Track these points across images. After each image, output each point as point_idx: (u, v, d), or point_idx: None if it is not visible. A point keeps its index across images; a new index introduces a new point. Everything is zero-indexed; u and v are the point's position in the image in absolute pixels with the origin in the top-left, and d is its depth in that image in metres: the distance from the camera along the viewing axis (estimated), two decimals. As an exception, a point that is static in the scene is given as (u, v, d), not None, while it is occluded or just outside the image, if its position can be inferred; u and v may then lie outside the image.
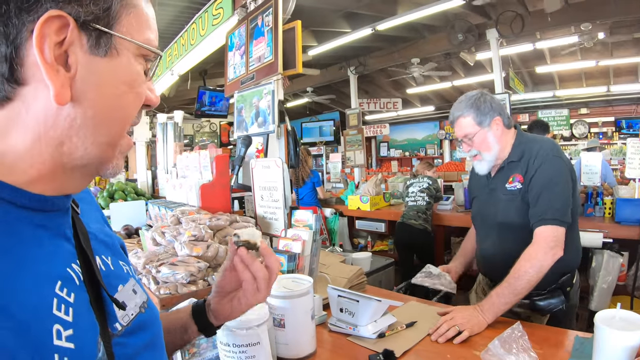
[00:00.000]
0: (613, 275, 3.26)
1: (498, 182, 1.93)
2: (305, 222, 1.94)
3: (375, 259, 2.95)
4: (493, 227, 1.94)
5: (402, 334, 1.49)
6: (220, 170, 2.25)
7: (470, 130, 1.89)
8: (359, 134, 8.03)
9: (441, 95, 11.92)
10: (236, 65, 2.97)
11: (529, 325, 1.21)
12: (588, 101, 10.75)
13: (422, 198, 4.74)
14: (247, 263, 0.87)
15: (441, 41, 7.10)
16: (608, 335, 1.06)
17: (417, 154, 14.21)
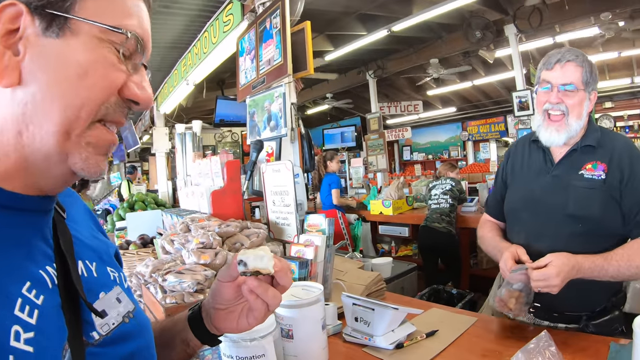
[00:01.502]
0: None
1: (567, 167, 1.60)
2: (318, 226, 1.85)
3: (397, 265, 2.85)
4: (557, 220, 1.56)
5: (421, 344, 1.40)
6: (231, 176, 2.21)
7: (576, 81, 1.53)
8: (380, 139, 7.98)
9: (462, 96, 11.78)
10: (247, 70, 2.94)
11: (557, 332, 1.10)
12: (612, 94, 10.46)
13: (445, 200, 4.63)
14: (259, 293, 0.77)
15: (459, 40, 7.02)
16: None
17: (441, 156, 14.04)
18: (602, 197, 1.49)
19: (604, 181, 1.50)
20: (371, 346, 1.38)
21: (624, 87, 10.03)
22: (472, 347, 1.37)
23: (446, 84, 9.96)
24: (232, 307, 0.81)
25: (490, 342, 1.37)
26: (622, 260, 1.38)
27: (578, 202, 1.52)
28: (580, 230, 1.50)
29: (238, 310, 0.81)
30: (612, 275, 1.38)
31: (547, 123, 1.57)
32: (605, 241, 1.48)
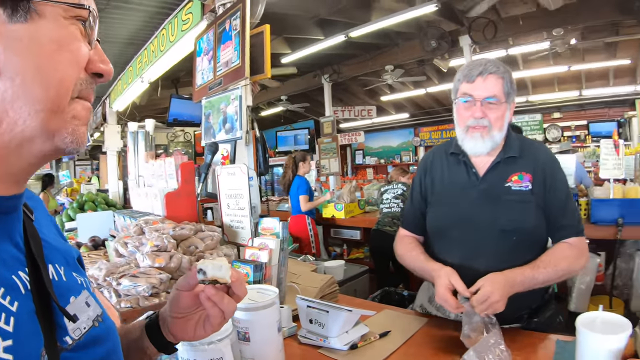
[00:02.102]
0: (591, 275, 3.25)
1: (493, 180, 1.59)
2: (273, 230, 1.86)
3: (350, 267, 2.89)
4: (491, 236, 1.55)
5: (375, 345, 1.43)
6: (186, 178, 2.18)
7: (498, 93, 1.53)
8: (333, 142, 8.04)
9: (415, 103, 12.07)
10: (204, 70, 2.90)
11: (504, 331, 1.17)
12: (561, 105, 11.02)
13: (396, 204, 4.74)
14: (216, 301, 0.80)
15: (414, 48, 7.17)
16: (591, 339, 1.03)
17: (393, 161, 14.31)
18: (532, 207, 1.54)
19: (531, 191, 1.54)
20: (326, 347, 1.40)
21: (572, 99, 10.59)
22: (423, 347, 1.41)
23: (400, 90, 10.17)
24: (189, 316, 0.83)
25: (441, 341, 1.41)
26: (549, 267, 1.45)
27: (511, 216, 1.53)
28: (515, 242, 1.53)
29: (195, 319, 0.83)
30: (542, 282, 1.45)
31: (471, 132, 1.56)
32: (536, 249, 1.55)
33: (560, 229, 1.55)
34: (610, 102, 10.39)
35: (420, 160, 2.06)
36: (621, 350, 1.00)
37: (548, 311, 1.65)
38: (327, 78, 8.43)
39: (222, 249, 1.89)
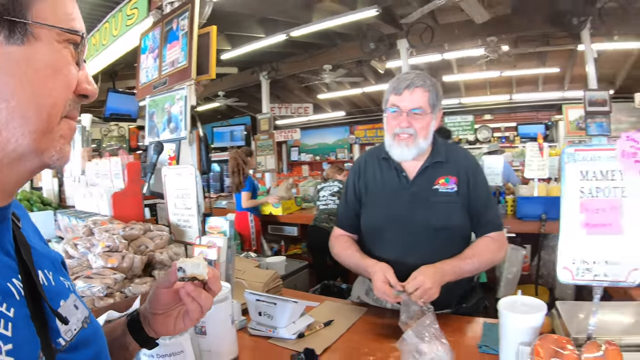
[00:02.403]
0: (517, 266, 3.55)
1: (422, 184, 1.75)
2: (220, 228, 1.92)
3: (290, 263, 3.00)
4: (424, 234, 1.71)
5: (320, 333, 1.55)
6: (132, 177, 2.19)
7: (423, 106, 1.67)
8: (270, 139, 8.06)
9: (351, 101, 12.34)
10: (149, 68, 2.88)
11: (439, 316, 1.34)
12: (492, 108, 11.69)
13: (333, 201, 4.88)
14: (195, 296, 0.85)
15: (353, 49, 7.36)
16: (511, 319, 1.19)
17: (328, 158, 14.47)
18: (458, 207, 1.72)
19: (457, 193, 1.72)
20: (275, 337, 1.50)
21: (503, 103, 11.26)
22: (365, 333, 1.55)
23: (337, 89, 10.34)
24: (169, 312, 0.88)
25: (381, 327, 1.55)
26: (474, 258, 1.65)
27: (439, 216, 1.70)
28: (443, 239, 1.71)
29: (175, 314, 0.89)
30: (469, 271, 1.66)
31: (398, 140, 1.70)
32: (461, 243, 1.75)
33: (483, 225, 1.76)
34: (538, 106, 11.15)
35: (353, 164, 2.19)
36: (538, 328, 1.16)
37: (474, 298, 1.86)
38: (266, 75, 8.46)
39: (171, 247, 1.93)
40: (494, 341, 1.34)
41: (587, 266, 1.11)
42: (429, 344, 1.03)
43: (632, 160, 1.06)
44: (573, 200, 1.12)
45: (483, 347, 1.38)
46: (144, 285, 1.68)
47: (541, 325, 1.17)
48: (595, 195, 1.11)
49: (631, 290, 1.95)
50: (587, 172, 1.12)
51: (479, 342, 1.41)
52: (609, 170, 1.10)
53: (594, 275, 1.11)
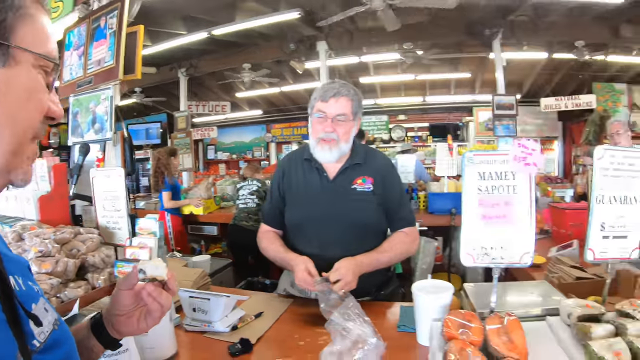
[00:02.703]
0: (430, 257, 3.88)
1: (341, 183, 1.92)
2: (150, 229, 1.97)
3: (214, 261, 3.07)
4: (343, 229, 1.87)
5: (252, 324, 1.66)
6: (59, 180, 2.15)
7: (347, 113, 1.84)
8: (187, 137, 7.94)
9: (269, 100, 12.38)
10: (73, 66, 2.80)
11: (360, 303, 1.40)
12: (406, 109, 12.32)
13: (252, 200, 4.98)
14: (155, 296, 0.90)
15: (273, 49, 7.47)
16: (423, 299, 1.39)
17: (245, 156, 14.35)
18: (374, 205, 1.91)
19: (373, 192, 1.90)
20: (210, 331, 1.58)
21: (416, 104, 11.94)
22: (294, 321, 1.70)
23: (255, 87, 10.35)
24: (131, 312, 0.92)
25: (308, 315, 1.68)
26: (390, 251, 1.87)
27: (357, 213, 1.88)
28: (361, 234, 1.89)
29: (137, 315, 0.92)
30: (386, 263, 1.88)
31: (322, 144, 1.86)
32: (378, 237, 1.94)
33: (397, 221, 1.98)
34: (450, 108, 11.94)
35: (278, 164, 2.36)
36: (447, 306, 1.37)
37: (391, 286, 2.06)
38: (184, 72, 8.31)
39: (102, 250, 1.95)
40: (410, 321, 1.54)
41: (486, 251, 1.34)
42: (354, 322, 1.18)
43: (522, 164, 1.30)
44: (472, 197, 1.35)
45: (401, 326, 1.58)
46: (79, 289, 1.69)
47: (450, 304, 1.38)
48: (492, 192, 1.34)
49: (532, 272, 2.27)
50: (484, 173, 1.35)
51: (397, 323, 1.61)
52: (503, 171, 1.34)
53: (492, 258, 1.34)
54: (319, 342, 1.47)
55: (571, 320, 1.21)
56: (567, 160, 11.62)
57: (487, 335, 1.12)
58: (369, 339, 1.11)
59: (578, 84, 9.25)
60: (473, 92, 11.07)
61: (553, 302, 1.46)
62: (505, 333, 1.12)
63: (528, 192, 1.34)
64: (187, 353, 1.48)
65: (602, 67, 8.82)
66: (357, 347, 1.10)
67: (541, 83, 10.01)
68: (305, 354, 1.41)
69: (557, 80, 9.72)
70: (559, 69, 9.19)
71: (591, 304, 1.24)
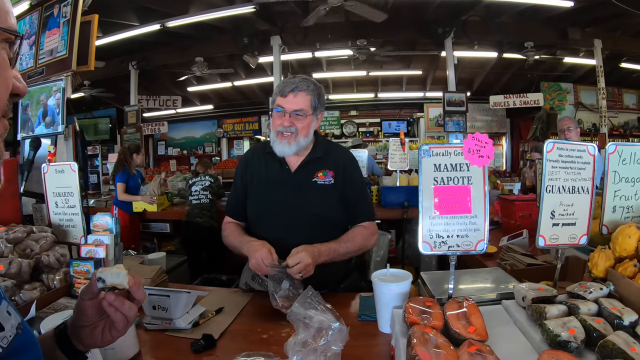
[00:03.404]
0: (384, 249, 3.98)
1: (303, 176, 1.96)
2: (105, 226, 1.92)
3: (169, 258, 3.03)
4: (303, 220, 1.91)
5: (214, 320, 1.65)
6: (8, 177, 2.05)
7: (305, 108, 1.87)
8: (137, 132, 7.78)
9: (221, 95, 12.28)
10: (23, 56, 2.67)
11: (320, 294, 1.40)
12: (358, 104, 12.55)
13: (205, 196, 4.97)
14: (117, 306, 0.84)
15: (227, 43, 7.42)
16: (383, 287, 1.44)
17: (196, 152, 14.16)
18: (334, 197, 1.95)
19: (334, 185, 1.95)
20: (172, 329, 1.55)
21: (368, 100, 12.20)
22: (255, 315, 1.71)
23: (207, 82, 10.26)
24: (95, 324, 0.88)
25: (270, 308, 1.63)
26: (348, 243, 1.91)
27: (317, 204, 1.93)
28: (320, 225, 1.92)
29: (101, 326, 0.88)
30: (343, 254, 1.89)
31: (280, 138, 1.88)
32: (337, 229, 1.96)
33: (357, 215, 2.02)
34: (401, 104, 12.24)
35: (241, 156, 2.38)
36: (407, 294, 1.42)
37: (350, 278, 2.11)
38: (135, 65, 8.08)
39: (56, 249, 1.88)
40: (370, 310, 1.60)
41: (443, 239, 1.40)
42: (315, 310, 1.19)
43: (476, 155, 1.37)
44: (429, 187, 1.40)
45: (362, 315, 1.63)
46: (34, 290, 1.63)
47: (408, 292, 1.44)
48: (447, 183, 1.40)
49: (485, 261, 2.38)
50: (439, 164, 1.40)
51: (358, 312, 1.66)
52: (458, 163, 1.40)
53: (449, 246, 1.40)
54: (282, 335, 1.50)
55: (525, 302, 1.29)
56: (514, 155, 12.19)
57: (447, 320, 1.17)
58: (332, 324, 1.14)
59: (526, 82, 9.66)
60: (424, 89, 11.38)
61: (507, 287, 1.55)
62: (464, 317, 1.18)
63: (482, 183, 1.41)
64: (149, 352, 1.45)
65: (550, 67, 9.28)
66: (321, 334, 1.13)
67: (491, 81, 10.39)
68: (269, 346, 1.42)
69: (506, 79, 10.14)
70: (508, 68, 9.58)
71: (544, 287, 1.33)
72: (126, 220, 5.23)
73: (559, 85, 10.15)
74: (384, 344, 1.42)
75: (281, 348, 1.16)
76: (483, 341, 1.09)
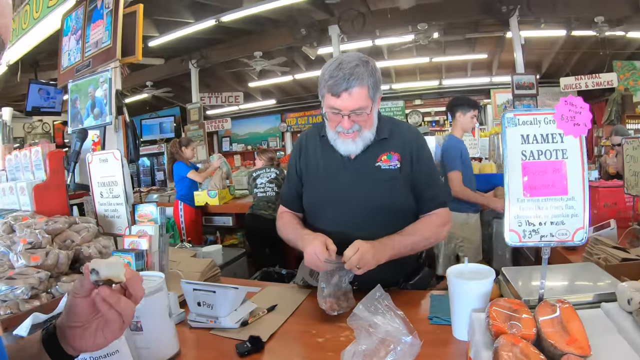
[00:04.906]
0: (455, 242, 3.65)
1: (364, 161, 1.70)
2: (150, 216, 1.83)
3: (227, 252, 2.93)
4: (364, 212, 1.68)
5: (265, 319, 1.50)
6: (54, 168, 2.01)
7: (364, 104, 1.57)
8: (200, 129, 7.92)
9: (282, 89, 12.26)
10: (71, 51, 2.69)
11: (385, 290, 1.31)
12: (422, 93, 12.13)
13: (271, 189, 4.88)
14: (112, 303, 0.75)
15: (284, 35, 7.31)
16: (461, 286, 1.19)
17: (260, 147, 14.30)
18: (401, 184, 1.68)
19: (400, 170, 1.67)
20: (217, 328, 1.42)
21: (432, 88, 11.72)
22: (311, 315, 1.51)
23: (268, 76, 10.24)
24: (87, 324, 0.78)
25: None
26: (415, 234, 1.63)
27: (381, 194, 1.66)
28: (386, 216, 1.66)
29: (94, 327, 0.78)
30: (410, 246, 1.63)
31: (343, 137, 1.63)
32: (406, 221, 1.69)
33: (426, 202, 1.73)
34: (467, 91, 11.45)
35: (295, 142, 2.14)
36: (488, 294, 1.17)
37: (421, 274, 1.84)
38: (195, 63, 8.20)
39: (99, 240, 1.80)
40: (444, 311, 1.36)
41: (534, 227, 1.14)
42: (382, 316, 1.00)
43: (571, 124, 1.11)
44: (515, 164, 1.15)
45: (434, 318, 1.39)
46: (72, 283, 1.54)
47: (490, 292, 1.18)
48: (537, 157, 1.15)
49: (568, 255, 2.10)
50: (527, 135, 1.15)
51: (428, 314, 1.43)
52: (549, 133, 1.14)
53: (541, 236, 1.14)
54: (341, 339, 1.30)
55: (632, 306, 1.04)
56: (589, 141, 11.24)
57: (540, 328, 0.94)
58: (402, 338, 0.92)
59: (597, 62, 8.87)
60: (490, 74, 10.79)
61: (606, 286, 1.28)
62: (559, 324, 0.94)
63: (579, 157, 1.15)
64: (190, 353, 1.32)
65: (623, 45, 8.55)
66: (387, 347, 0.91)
67: (560, 63, 9.66)
68: (324, 352, 1.24)
69: (576, 59, 9.42)
70: (578, 47, 8.92)
71: (652, 287, 1.05)
72: (192, 213, 5.30)
73: (633, 64, 9.20)
74: (459, 354, 1.18)
75: (337, 355, 1.01)
76: (585, 357, 0.86)
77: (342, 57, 1.61)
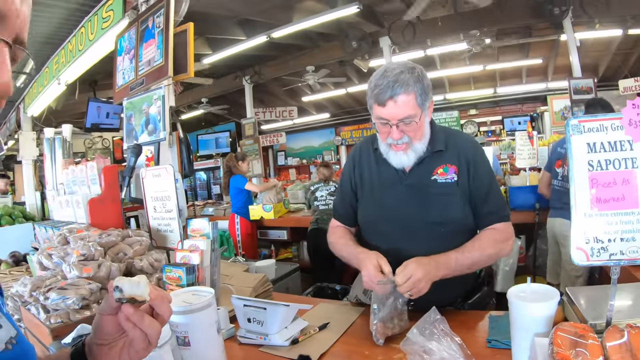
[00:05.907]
0: (513, 258, 3.47)
1: (419, 175, 1.62)
2: (202, 231, 1.81)
3: (280, 266, 2.88)
4: (419, 228, 1.60)
5: (316, 337, 1.44)
6: (109, 182, 2.06)
7: (412, 112, 1.49)
8: (255, 144, 8.02)
9: (336, 102, 12.30)
10: (125, 70, 2.79)
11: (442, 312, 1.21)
12: (477, 102, 11.80)
13: (332, 201, 4.82)
14: (136, 322, 0.73)
15: (335, 49, 7.31)
16: (523, 308, 1.08)
17: (315, 161, 14.42)
18: (459, 199, 1.58)
19: (457, 183, 1.59)
20: (267, 345, 1.39)
21: (487, 97, 11.35)
22: (364, 334, 1.43)
23: (321, 90, 10.28)
24: (114, 342, 0.77)
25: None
26: (474, 251, 1.51)
27: (438, 209, 1.58)
28: (443, 233, 1.57)
29: (119, 346, 0.77)
30: (469, 265, 1.51)
31: (395, 149, 1.57)
32: (464, 237, 1.59)
33: (485, 216, 1.61)
34: (523, 98, 11.22)
35: (349, 154, 2.06)
36: (552, 317, 1.06)
37: (479, 293, 1.73)
38: (248, 79, 8.37)
39: (151, 253, 1.82)
40: (503, 335, 1.25)
41: (602, 245, 1.03)
42: (438, 342, 0.91)
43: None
44: (582, 175, 1.04)
45: (492, 341, 1.28)
46: None
47: (554, 315, 1.07)
48: (605, 168, 1.04)
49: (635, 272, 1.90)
50: (594, 144, 1.04)
51: (486, 337, 1.32)
52: (617, 140, 1.03)
53: (610, 254, 1.02)
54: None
55: None
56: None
57: (608, 356, 0.85)
58: None
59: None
60: (546, 80, 10.32)
61: None
62: (628, 350, 0.85)
63: None
64: None
65: None
66: None
67: (617, 64, 9.11)
68: None
69: (635, 59, 8.82)
70: (636, 46, 8.38)
71: None
72: (248, 227, 5.34)
73: (696, 61, 8.47)
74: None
75: (389, 378, 0.90)
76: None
77: (387, 65, 1.56)
